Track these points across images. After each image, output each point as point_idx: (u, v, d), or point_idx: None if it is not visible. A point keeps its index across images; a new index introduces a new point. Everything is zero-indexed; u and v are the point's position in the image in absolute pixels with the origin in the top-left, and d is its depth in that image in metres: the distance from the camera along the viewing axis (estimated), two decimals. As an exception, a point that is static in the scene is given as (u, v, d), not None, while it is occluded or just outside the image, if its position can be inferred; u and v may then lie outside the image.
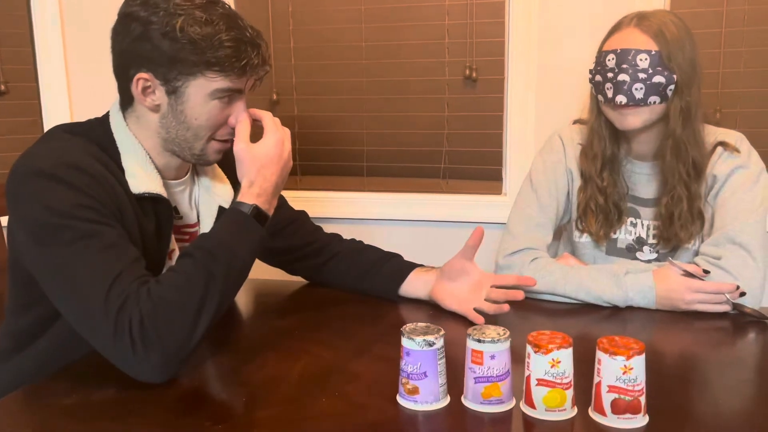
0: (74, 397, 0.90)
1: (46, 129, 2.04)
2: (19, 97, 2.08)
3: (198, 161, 1.15)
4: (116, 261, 0.94)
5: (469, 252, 1.22)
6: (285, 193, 1.46)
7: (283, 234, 1.36)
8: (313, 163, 2.12)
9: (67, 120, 2.04)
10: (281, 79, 2.08)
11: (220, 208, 1.21)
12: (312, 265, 1.39)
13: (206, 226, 1.21)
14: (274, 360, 1.03)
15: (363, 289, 1.34)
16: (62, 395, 0.91)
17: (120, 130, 1.10)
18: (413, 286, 1.30)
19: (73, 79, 2.07)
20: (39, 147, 1.03)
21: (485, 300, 1.20)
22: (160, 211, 1.11)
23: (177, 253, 1.19)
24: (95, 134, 1.08)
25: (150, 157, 1.11)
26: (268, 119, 1.11)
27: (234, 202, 1.06)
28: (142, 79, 1.04)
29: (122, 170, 1.07)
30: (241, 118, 1.09)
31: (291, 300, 1.31)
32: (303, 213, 1.44)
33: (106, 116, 1.13)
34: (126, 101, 1.10)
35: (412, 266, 1.33)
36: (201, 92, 1.04)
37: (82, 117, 1.14)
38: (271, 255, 1.39)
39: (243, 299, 1.39)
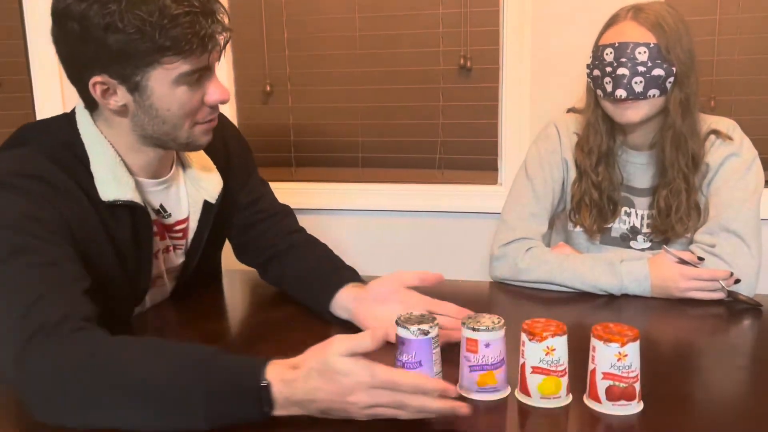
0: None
1: (38, 122, 2.05)
2: (12, 90, 2.07)
3: (188, 149, 1.07)
4: (41, 282, 0.84)
5: (412, 282, 1.04)
6: (279, 186, 1.46)
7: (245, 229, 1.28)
8: (307, 155, 2.12)
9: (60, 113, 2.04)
10: (275, 71, 2.07)
11: (205, 203, 1.16)
12: (255, 263, 1.29)
13: (192, 221, 1.17)
14: (269, 351, 1.00)
15: (300, 300, 1.18)
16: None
17: (88, 132, 1.01)
18: (338, 305, 1.09)
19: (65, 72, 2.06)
20: (5, 153, 0.97)
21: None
22: (137, 217, 1.04)
23: (169, 253, 1.16)
24: (64, 137, 1.00)
25: (122, 159, 1.02)
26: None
27: (261, 363, 0.79)
28: (98, 83, 0.95)
29: (91, 175, 0.99)
30: (220, 94, 0.99)
31: (285, 291, 1.30)
32: (280, 209, 1.32)
33: (74, 115, 1.04)
34: (90, 106, 1.01)
35: (345, 281, 1.11)
36: (165, 81, 0.94)
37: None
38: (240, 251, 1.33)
39: (237, 291, 1.39)
